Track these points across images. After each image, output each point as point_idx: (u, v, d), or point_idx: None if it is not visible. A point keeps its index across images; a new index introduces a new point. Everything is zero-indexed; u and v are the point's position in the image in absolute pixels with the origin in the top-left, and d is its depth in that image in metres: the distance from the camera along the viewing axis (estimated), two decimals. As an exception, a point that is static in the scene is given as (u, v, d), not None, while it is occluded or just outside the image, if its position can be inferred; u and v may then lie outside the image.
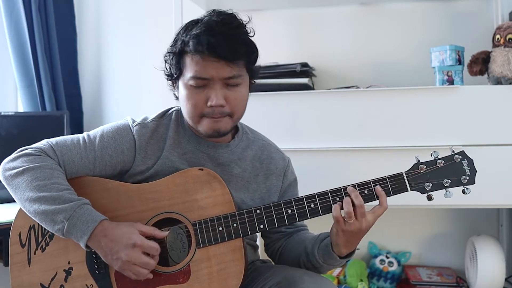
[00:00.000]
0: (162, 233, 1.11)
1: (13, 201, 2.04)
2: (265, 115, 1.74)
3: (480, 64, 1.76)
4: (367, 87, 1.83)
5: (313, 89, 1.95)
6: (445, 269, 2.07)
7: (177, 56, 1.15)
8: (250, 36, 1.16)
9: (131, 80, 2.38)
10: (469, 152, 1.16)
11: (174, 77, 1.18)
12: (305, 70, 1.88)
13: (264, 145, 1.31)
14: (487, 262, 1.80)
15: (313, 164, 1.71)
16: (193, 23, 1.15)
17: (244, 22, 1.16)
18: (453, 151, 1.14)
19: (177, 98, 1.24)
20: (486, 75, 1.79)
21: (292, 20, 2.21)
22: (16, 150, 1.16)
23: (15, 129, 1.94)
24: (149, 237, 1.10)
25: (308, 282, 1.07)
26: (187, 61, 1.13)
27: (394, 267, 2.03)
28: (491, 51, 1.75)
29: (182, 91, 1.16)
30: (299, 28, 2.20)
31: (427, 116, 1.67)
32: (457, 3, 2.07)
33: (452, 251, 2.12)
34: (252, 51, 1.16)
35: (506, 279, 1.86)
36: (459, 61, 1.75)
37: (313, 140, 1.74)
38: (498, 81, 1.72)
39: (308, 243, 1.22)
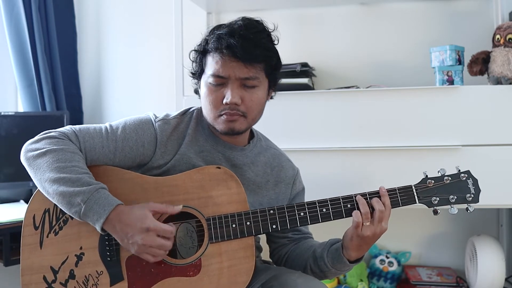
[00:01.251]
0: (175, 209, 1.12)
1: (13, 201, 2.05)
2: (265, 115, 1.74)
3: (480, 64, 1.76)
4: (367, 87, 1.83)
5: (313, 89, 1.95)
6: (445, 269, 2.07)
7: (200, 55, 1.21)
8: (273, 43, 1.22)
9: (131, 80, 2.38)
10: (469, 152, 1.18)
11: (197, 75, 1.23)
12: (305, 70, 1.88)
13: (276, 154, 1.35)
14: (487, 262, 1.80)
15: (313, 164, 1.71)
16: (219, 26, 1.20)
17: (270, 30, 1.22)
18: (459, 170, 1.19)
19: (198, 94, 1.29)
20: (486, 75, 1.79)
21: (292, 20, 2.21)
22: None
23: (15, 129, 1.94)
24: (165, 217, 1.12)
25: (301, 285, 1.09)
26: (208, 59, 1.18)
27: (394, 267, 2.03)
28: (491, 51, 1.75)
29: (203, 88, 1.21)
30: (299, 28, 2.20)
31: (427, 116, 1.67)
32: (457, 3, 2.07)
33: (452, 251, 2.12)
34: (271, 56, 1.19)
35: (506, 279, 1.86)
36: (459, 61, 1.75)
37: (313, 140, 1.74)
38: (498, 81, 1.72)
39: (317, 248, 1.24)
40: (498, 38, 1.73)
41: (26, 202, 1.82)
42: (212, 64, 1.17)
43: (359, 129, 1.71)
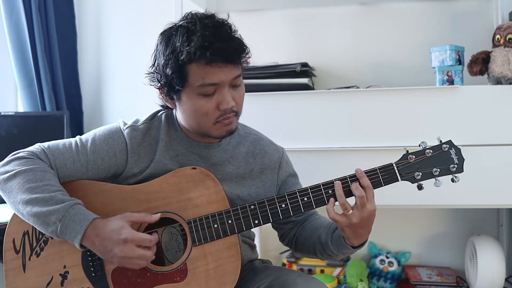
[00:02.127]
0: (153, 217, 1.10)
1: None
2: (265, 115, 1.74)
3: (480, 64, 1.76)
4: (367, 87, 1.83)
5: (313, 89, 1.94)
6: (445, 269, 2.07)
7: (179, 68, 1.10)
8: (237, 33, 1.17)
9: (131, 80, 2.38)
10: (469, 152, 1.17)
11: (175, 90, 1.14)
12: (305, 70, 1.88)
13: (256, 139, 1.31)
14: (487, 262, 1.80)
15: (313, 164, 1.71)
16: (188, 31, 1.10)
17: (228, 21, 1.17)
18: (441, 141, 1.15)
19: (166, 108, 1.25)
20: (486, 75, 1.79)
21: (292, 20, 2.21)
22: (15, 150, 1.17)
23: (15, 129, 1.94)
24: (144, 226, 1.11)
25: (301, 285, 1.08)
26: (192, 70, 1.10)
27: (394, 267, 2.03)
28: (491, 51, 1.75)
29: (188, 102, 1.14)
30: (299, 28, 2.20)
31: (427, 116, 1.67)
32: (457, 3, 2.07)
33: (452, 251, 2.12)
34: (246, 48, 1.16)
35: (506, 279, 1.86)
36: (459, 61, 1.75)
37: (313, 140, 1.74)
38: (498, 81, 1.72)
39: (322, 233, 1.22)
40: (498, 38, 1.72)
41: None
42: (199, 73, 1.09)
43: (359, 129, 1.71)
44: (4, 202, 1.96)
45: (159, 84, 1.17)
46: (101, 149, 1.18)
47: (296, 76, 1.86)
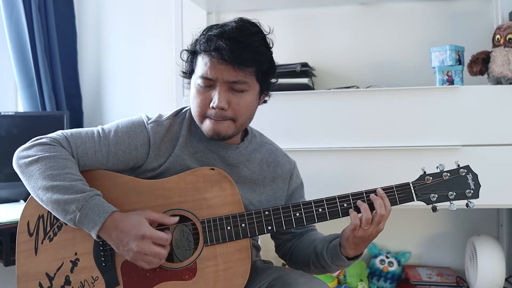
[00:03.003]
0: (172, 220, 1.11)
1: (13, 201, 2.05)
2: (264, 115, 1.74)
3: (480, 64, 1.76)
4: (367, 87, 1.83)
5: (313, 89, 1.95)
6: (445, 269, 2.07)
7: (191, 55, 1.19)
8: (267, 47, 1.18)
9: (131, 80, 2.38)
10: (469, 152, 1.17)
11: (187, 74, 1.22)
12: (305, 70, 1.88)
13: (271, 149, 1.34)
14: (487, 262, 1.80)
15: (313, 164, 1.71)
16: (212, 26, 1.18)
17: (265, 33, 1.19)
18: (459, 165, 1.17)
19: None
20: (486, 75, 1.79)
21: (292, 20, 2.21)
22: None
23: (15, 129, 1.94)
24: (160, 225, 1.11)
25: (303, 285, 1.09)
26: (198, 60, 1.17)
27: (394, 267, 2.03)
28: (491, 51, 1.75)
29: (192, 89, 1.20)
30: (299, 28, 2.20)
31: (427, 116, 1.67)
32: (457, 3, 2.07)
33: (452, 251, 2.12)
34: (262, 60, 1.15)
35: (506, 279, 1.86)
36: (459, 61, 1.75)
37: (313, 140, 1.74)
38: (498, 81, 1.72)
39: (318, 244, 1.24)
40: (498, 38, 1.73)
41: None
42: (201, 65, 1.15)
43: (359, 129, 1.71)
44: (5, 202, 1.97)
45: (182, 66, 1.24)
46: (123, 141, 1.19)
47: (296, 76, 1.87)
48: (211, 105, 1.14)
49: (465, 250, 1.99)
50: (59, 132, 1.18)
